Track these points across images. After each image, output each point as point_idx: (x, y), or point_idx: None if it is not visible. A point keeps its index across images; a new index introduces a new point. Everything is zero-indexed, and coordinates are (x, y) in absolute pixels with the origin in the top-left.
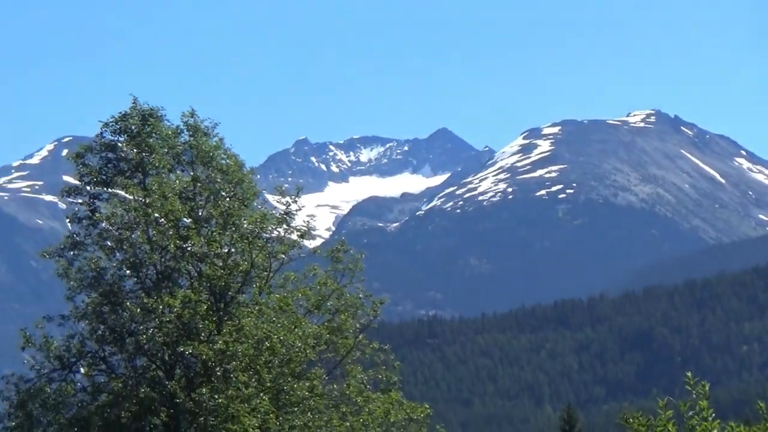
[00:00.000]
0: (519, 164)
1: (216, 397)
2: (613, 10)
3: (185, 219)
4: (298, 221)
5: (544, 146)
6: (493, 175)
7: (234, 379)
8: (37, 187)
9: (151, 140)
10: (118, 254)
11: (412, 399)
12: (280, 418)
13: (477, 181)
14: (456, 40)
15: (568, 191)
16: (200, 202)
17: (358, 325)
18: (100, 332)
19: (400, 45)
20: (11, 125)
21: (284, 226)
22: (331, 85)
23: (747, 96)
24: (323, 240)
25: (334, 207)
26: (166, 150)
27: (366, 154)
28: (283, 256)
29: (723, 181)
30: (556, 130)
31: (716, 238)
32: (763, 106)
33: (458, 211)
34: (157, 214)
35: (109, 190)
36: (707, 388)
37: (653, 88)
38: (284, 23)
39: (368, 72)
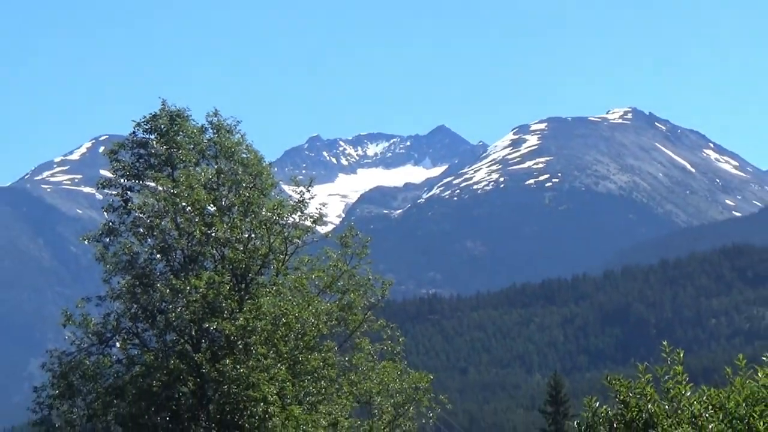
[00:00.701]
0: (509, 157)
1: (238, 367)
2: (593, 15)
3: (210, 207)
4: (311, 209)
5: (532, 140)
6: (487, 167)
7: (254, 351)
8: (76, 180)
9: (178, 137)
10: (149, 240)
11: (414, 369)
12: (296, 386)
13: (472, 172)
14: (453, 44)
15: (553, 180)
16: (223, 192)
17: (366, 303)
18: (133, 311)
19: (403, 49)
20: (54, 125)
21: (299, 213)
22: (340, 87)
23: (715, 93)
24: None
25: (343, 196)
26: (192, 146)
27: (372, 149)
28: (298, 240)
29: (693, 170)
30: (542, 126)
31: (687, 221)
32: (728, 102)
33: (455, 199)
34: (184, 203)
35: (141, 182)
36: (681, 355)
37: (630, 87)
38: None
39: (373, 74)
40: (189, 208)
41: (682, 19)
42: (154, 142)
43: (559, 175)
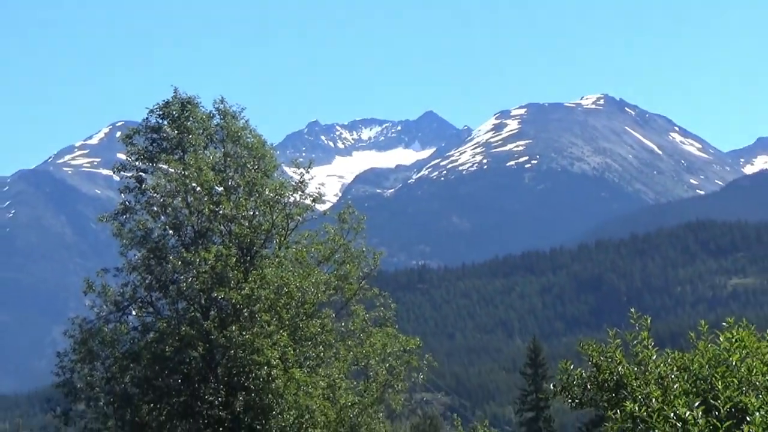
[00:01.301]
0: (492, 140)
1: (243, 333)
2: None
3: (217, 187)
4: (311, 189)
5: (512, 125)
6: (471, 150)
7: (258, 318)
8: (95, 163)
9: (188, 123)
10: (162, 217)
11: (405, 333)
12: (297, 350)
13: (458, 154)
14: (441, 35)
15: (532, 162)
16: (229, 174)
17: (361, 274)
18: (148, 281)
19: (394, 41)
20: (74, 112)
21: (299, 192)
22: (337, 76)
23: (680, 81)
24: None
25: (340, 177)
26: (201, 131)
27: (366, 133)
28: (299, 217)
29: (660, 152)
30: (522, 111)
31: (655, 199)
32: (693, 88)
33: (442, 179)
34: (194, 184)
35: (154, 164)
36: (648, 321)
37: (603, 75)
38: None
39: (367, 64)
40: (198, 188)
41: (651, 11)
42: (167, 128)
43: (538, 156)
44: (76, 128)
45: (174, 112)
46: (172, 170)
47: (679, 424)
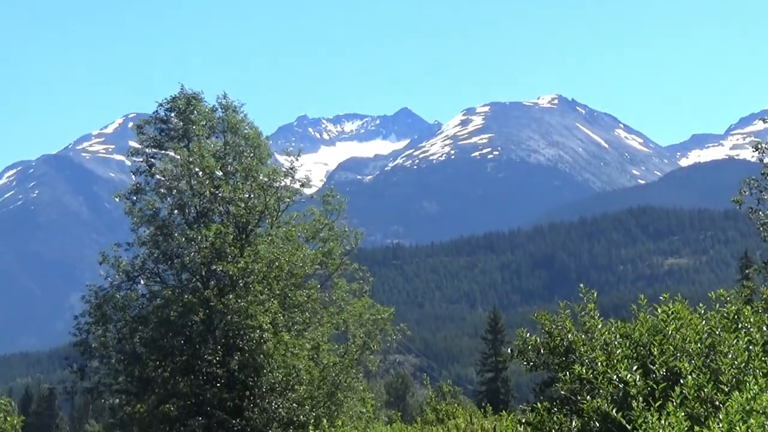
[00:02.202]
0: (459, 134)
1: (239, 301)
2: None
3: (217, 172)
4: (299, 174)
5: (477, 121)
6: (441, 142)
7: (252, 288)
8: (110, 149)
9: (193, 116)
10: (168, 198)
11: (381, 303)
12: (285, 316)
13: (429, 146)
14: (415, 39)
15: (494, 153)
16: (228, 161)
17: (342, 250)
18: (155, 255)
19: (375, 43)
20: (92, 104)
21: (289, 178)
22: (324, 75)
23: (625, 82)
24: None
25: (325, 164)
26: (204, 122)
27: (349, 126)
28: (288, 200)
29: (606, 146)
30: (486, 108)
31: (601, 187)
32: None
33: (415, 167)
34: (197, 169)
35: (162, 151)
36: (594, 295)
37: (557, 76)
38: (290, 29)
39: (351, 64)
40: (201, 173)
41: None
42: (174, 119)
43: (499, 148)
44: (94, 118)
45: (180, 106)
46: (178, 157)
47: (620, 386)
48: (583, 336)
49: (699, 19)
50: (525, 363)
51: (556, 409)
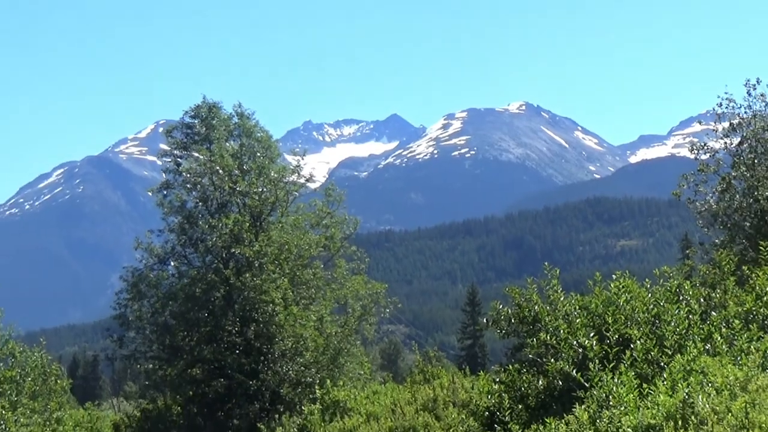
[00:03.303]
0: (441, 136)
1: (254, 279)
2: (502, 28)
3: (235, 170)
4: (305, 171)
5: (456, 125)
6: (425, 143)
7: (265, 268)
8: (143, 151)
9: (213, 122)
10: (193, 192)
11: (375, 280)
12: (294, 292)
13: (415, 146)
14: (404, 53)
15: (471, 152)
16: (244, 160)
17: (342, 235)
18: (182, 240)
19: (369, 57)
20: (127, 112)
21: (296, 174)
22: (325, 86)
23: (582, 90)
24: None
25: (327, 163)
26: (223, 127)
27: (347, 130)
28: (296, 193)
29: (567, 146)
30: (464, 114)
31: (562, 181)
32: (592, 97)
33: (404, 165)
34: (217, 167)
35: (188, 152)
36: (557, 272)
37: (525, 86)
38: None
39: (349, 76)
40: (221, 170)
41: (561, 33)
42: (197, 125)
43: (475, 148)
44: (130, 125)
45: (203, 114)
46: (201, 157)
47: (579, 350)
48: (547, 307)
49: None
50: (498, 331)
51: (525, 370)
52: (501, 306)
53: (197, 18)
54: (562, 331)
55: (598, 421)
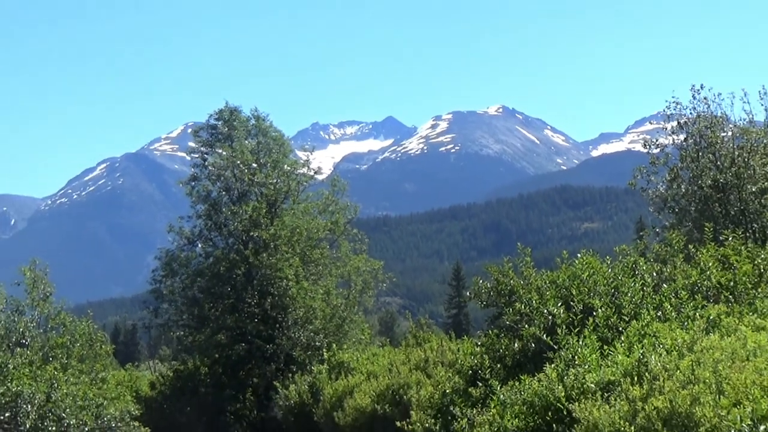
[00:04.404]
0: (430, 134)
1: (270, 258)
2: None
3: (253, 164)
4: (313, 165)
5: (443, 125)
6: (417, 141)
7: (279, 249)
8: (174, 149)
9: (234, 123)
10: (217, 183)
11: (373, 258)
12: (305, 269)
13: (408, 144)
14: (397, 62)
15: (456, 148)
16: (261, 155)
17: (345, 220)
18: (208, 225)
19: (368, 66)
20: (160, 114)
21: (306, 167)
22: (331, 91)
23: (550, 94)
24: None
25: (332, 157)
26: (242, 128)
27: (349, 130)
28: (305, 183)
29: (538, 142)
30: (449, 116)
31: (534, 172)
32: (559, 99)
33: (398, 159)
34: (238, 162)
35: (212, 149)
36: (529, 251)
37: (501, 91)
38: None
39: (349, 83)
40: (241, 164)
41: (532, 43)
42: (220, 126)
43: (459, 145)
44: (163, 125)
45: (225, 116)
46: (224, 153)
47: (549, 317)
48: (521, 281)
49: (603, 46)
50: (480, 302)
51: (502, 335)
52: (481, 281)
53: (219, 32)
54: (534, 302)
55: (565, 378)
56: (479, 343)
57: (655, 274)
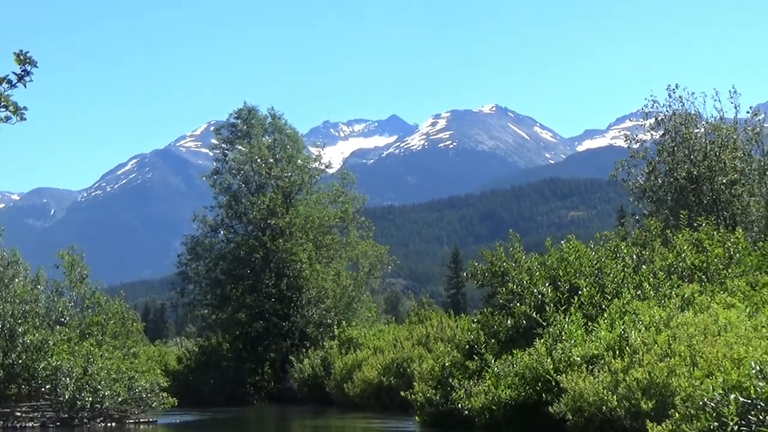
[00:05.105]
0: (430, 131)
1: (286, 243)
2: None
3: (270, 159)
4: (324, 159)
5: (442, 123)
6: (418, 137)
7: (294, 235)
8: (198, 145)
9: (252, 122)
10: (237, 176)
11: (379, 244)
12: (317, 253)
13: (410, 140)
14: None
15: (454, 144)
16: (277, 151)
17: (353, 209)
18: (230, 214)
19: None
20: (185, 113)
21: (317, 162)
22: (341, 91)
23: (540, 92)
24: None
25: (341, 153)
26: (260, 126)
27: (357, 127)
28: (318, 176)
29: (528, 138)
30: (447, 114)
31: (525, 166)
32: (547, 98)
33: (402, 154)
34: (256, 157)
35: (233, 145)
36: (518, 237)
37: (495, 91)
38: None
39: (357, 83)
40: (258, 159)
41: (521, 48)
42: (240, 124)
43: (457, 141)
44: (188, 123)
45: (244, 115)
46: (243, 149)
47: (539, 296)
48: (513, 264)
49: (587, 48)
50: (476, 282)
51: (496, 312)
52: (477, 264)
53: (239, 39)
54: (524, 282)
55: (553, 351)
56: (475, 321)
57: (634, 256)
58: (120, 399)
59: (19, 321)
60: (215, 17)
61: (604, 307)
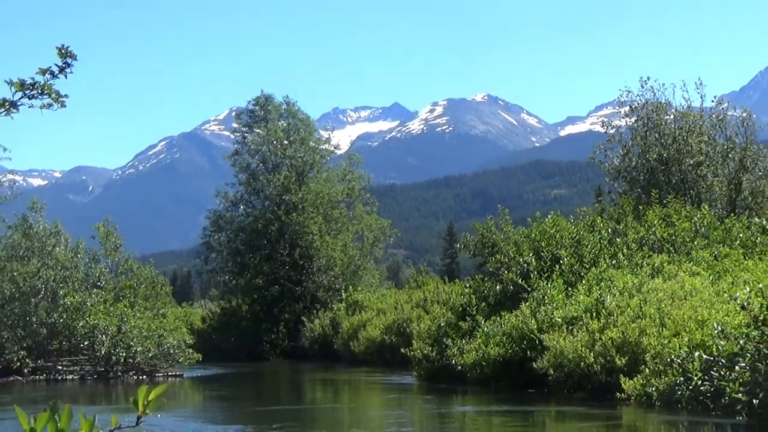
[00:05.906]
0: (429, 117)
1: (299, 217)
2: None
3: (285, 141)
4: (333, 142)
5: (439, 110)
6: (418, 122)
7: (306, 209)
8: (221, 128)
9: (269, 108)
10: (256, 157)
11: (382, 218)
12: (327, 226)
13: (411, 125)
14: (402, 55)
15: (450, 128)
16: (291, 133)
17: (359, 186)
18: (248, 190)
19: (378, 58)
20: (210, 99)
21: (327, 143)
22: (349, 79)
23: (527, 81)
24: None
25: (349, 136)
26: (276, 112)
27: (363, 113)
28: (327, 157)
29: (516, 124)
30: (444, 102)
31: (513, 149)
32: (534, 87)
33: (403, 138)
34: (272, 139)
35: (251, 129)
36: (507, 212)
37: (486, 80)
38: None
39: (364, 73)
40: (275, 141)
41: (511, 41)
42: (258, 110)
43: (452, 126)
44: (212, 109)
45: (262, 102)
46: (261, 132)
47: (524, 265)
48: (501, 236)
49: (569, 40)
50: (468, 253)
51: (486, 279)
52: (469, 236)
53: (258, 31)
54: (511, 252)
55: (537, 314)
56: (468, 286)
57: (610, 230)
58: (150, 354)
59: (61, 285)
60: (235, 11)
61: (582, 274)
